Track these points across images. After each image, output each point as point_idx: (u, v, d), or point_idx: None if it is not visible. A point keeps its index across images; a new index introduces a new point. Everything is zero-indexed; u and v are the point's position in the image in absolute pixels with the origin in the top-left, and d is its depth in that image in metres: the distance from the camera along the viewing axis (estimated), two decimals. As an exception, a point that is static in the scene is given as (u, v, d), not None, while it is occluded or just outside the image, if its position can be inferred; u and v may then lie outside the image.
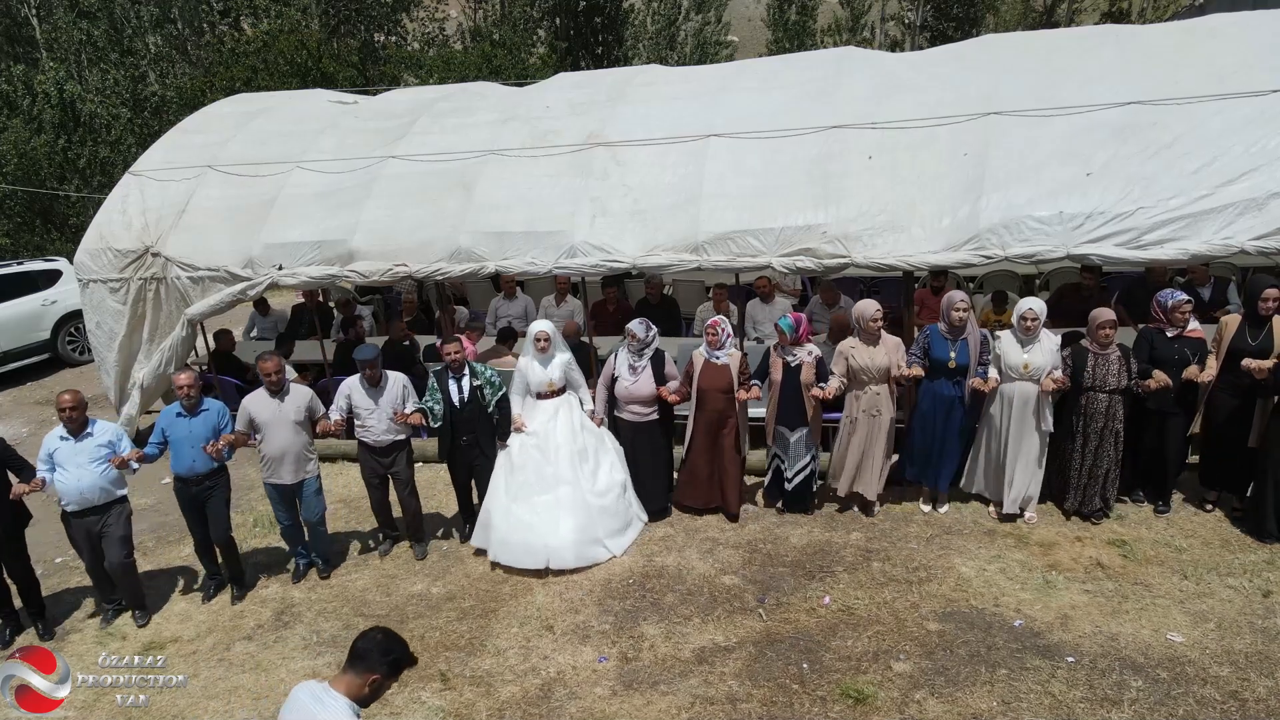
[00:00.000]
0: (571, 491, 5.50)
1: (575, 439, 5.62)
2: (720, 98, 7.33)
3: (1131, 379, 5.30)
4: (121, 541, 5.12)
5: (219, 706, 4.46)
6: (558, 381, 5.70)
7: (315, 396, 5.52)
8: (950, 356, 5.50)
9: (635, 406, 5.87)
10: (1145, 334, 5.52)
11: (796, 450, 5.76)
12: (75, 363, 11.51)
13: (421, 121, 8.01)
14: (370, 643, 2.64)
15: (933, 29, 26.89)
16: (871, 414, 5.64)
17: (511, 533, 5.46)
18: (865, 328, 5.55)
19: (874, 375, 5.56)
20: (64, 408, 4.91)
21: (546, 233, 6.73)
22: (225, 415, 5.34)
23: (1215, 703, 3.95)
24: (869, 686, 4.19)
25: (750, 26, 37.09)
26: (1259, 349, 5.16)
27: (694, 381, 5.75)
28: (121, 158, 16.82)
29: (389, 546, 5.98)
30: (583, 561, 5.45)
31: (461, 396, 5.60)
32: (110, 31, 21.99)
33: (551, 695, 4.32)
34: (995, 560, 5.22)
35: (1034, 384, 5.38)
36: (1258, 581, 4.83)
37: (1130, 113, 5.95)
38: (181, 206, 7.80)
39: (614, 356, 5.95)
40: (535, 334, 5.67)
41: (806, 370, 5.60)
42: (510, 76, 18.71)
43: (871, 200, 6.15)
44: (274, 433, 5.31)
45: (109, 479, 5.05)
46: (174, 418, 5.22)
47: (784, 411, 5.72)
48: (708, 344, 5.76)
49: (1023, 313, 5.40)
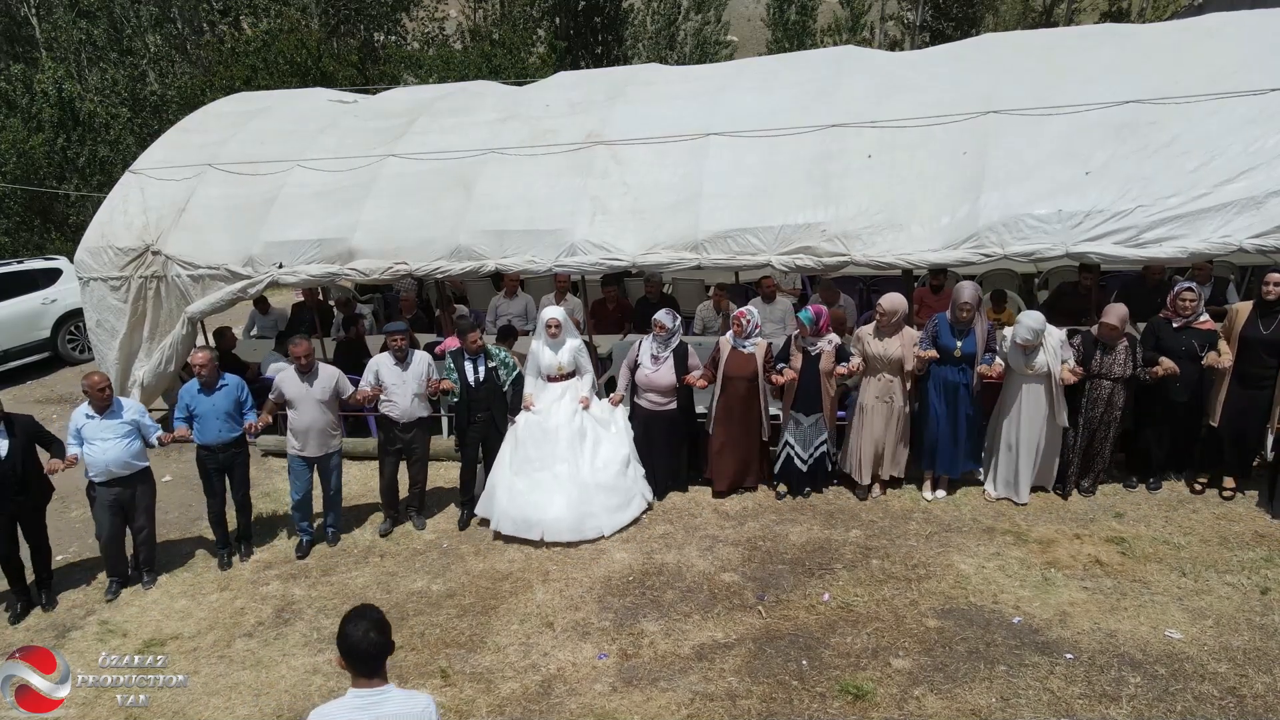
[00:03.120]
0: (569, 469, 5.77)
1: (574, 419, 5.88)
2: (720, 97, 7.35)
3: (1138, 368, 5.46)
4: (147, 511, 5.64)
5: (220, 703, 4.46)
6: (567, 365, 6.01)
7: (343, 376, 5.91)
8: (956, 345, 5.63)
9: (652, 395, 6.07)
10: (1153, 324, 5.66)
11: (811, 433, 5.97)
12: (75, 361, 11.50)
13: (421, 120, 8.02)
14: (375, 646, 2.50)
15: (932, 29, 26.92)
16: (885, 400, 5.82)
17: (512, 505, 5.77)
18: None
19: (885, 365, 5.74)
20: (100, 388, 5.32)
21: (546, 231, 6.74)
22: (244, 389, 5.78)
23: (1213, 699, 3.96)
24: (868, 683, 4.20)
25: (750, 26, 37.09)
26: (1271, 338, 5.25)
27: (719, 367, 5.96)
28: (121, 157, 16.81)
29: (389, 526, 6.22)
30: (577, 535, 5.67)
31: (477, 376, 5.96)
32: (110, 31, 21.98)
33: (551, 692, 4.33)
34: (994, 558, 5.23)
35: (1041, 381, 5.54)
36: (1256, 579, 4.84)
37: (1129, 112, 5.97)
38: (182, 205, 7.81)
39: (639, 343, 6.17)
40: (547, 320, 6.00)
41: (826, 359, 5.78)
42: (510, 76, 18.70)
43: (871, 199, 6.17)
44: (303, 409, 5.74)
45: (131, 452, 5.43)
46: (196, 393, 5.64)
47: (800, 398, 5.91)
48: (734, 333, 5.96)
49: (1022, 340, 5.45)
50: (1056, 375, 5.48)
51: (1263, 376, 5.36)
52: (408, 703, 2.52)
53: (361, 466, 7.25)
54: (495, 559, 5.66)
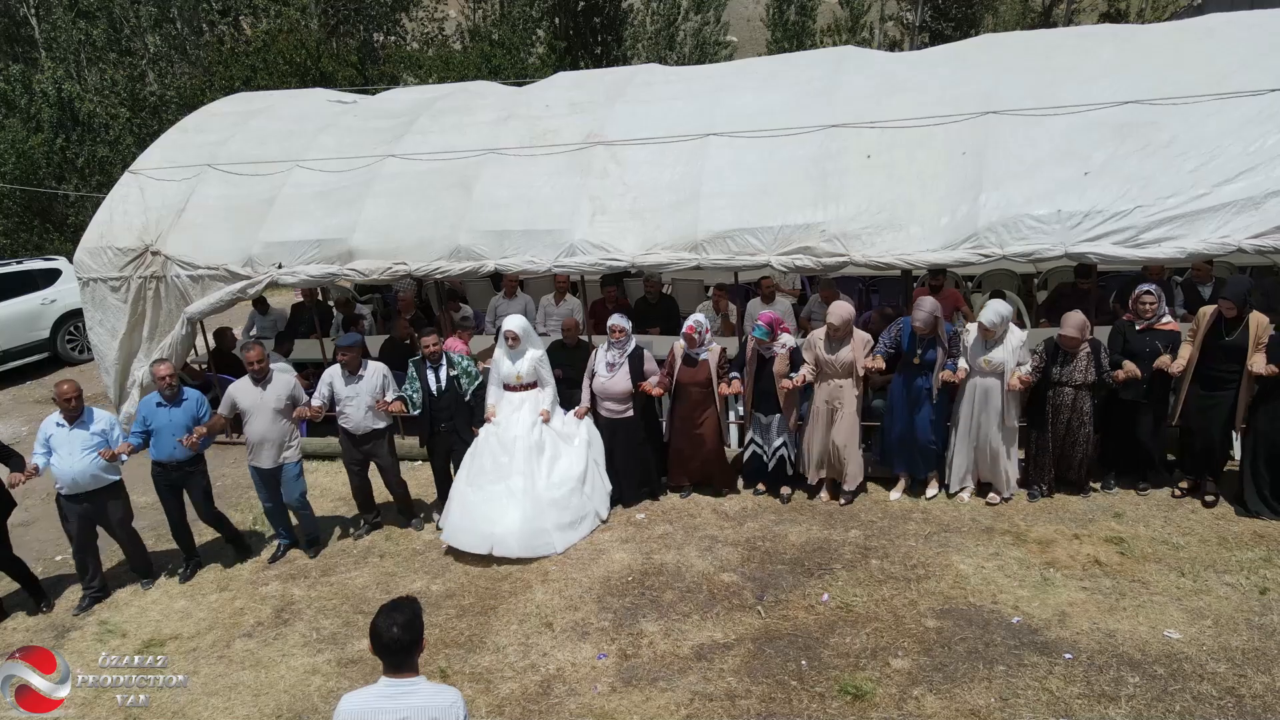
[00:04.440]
0: (523, 482, 5.64)
1: (532, 432, 5.78)
2: (719, 97, 7.35)
3: (1103, 372, 5.48)
4: (121, 523, 5.45)
5: (219, 703, 4.47)
6: (526, 376, 5.89)
7: (298, 385, 5.75)
8: (918, 352, 5.69)
9: (609, 403, 6.04)
10: (1118, 327, 5.70)
11: (772, 433, 6.02)
12: (75, 361, 11.51)
13: (421, 120, 8.02)
14: (400, 643, 2.54)
15: (931, 30, 26.91)
16: (834, 406, 5.84)
17: (464, 517, 5.64)
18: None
19: (837, 369, 5.78)
20: (67, 397, 5.15)
21: (546, 231, 6.74)
22: (204, 405, 5.57)
23: (1212, 699, 3.96)
24: (867, 683, 4.20)
25: (749, 27, 37.07)
26: (1234, 343, 5.32)
27: (673, 375, 5.98)
28: (120, 157, 16.81)
29: (367, 530, 6.17)
30: (528, 552, 5.55)
31: (439, 385, 5.87)
32: (109, 31, 21.97)
33: (551, 692, 4.33)
34: (993, 558, 5.24)
35: (997, 379, 5.59)
36: (1254, 579, 4.84)
37: (1128, 112, 5.97)
38: (181, 205, 7.81)
39: (595, 352, 6.14)
40: (505, 330, 5.91)
41: (780, 361, 5.83)
42: (509, 76, 18.70)
43: (870, 199, 6.17)
44: (256, 418, 5.54)
45: (100, 465, 5.22)
46: (154, 407, 5.43)
47: (759, 400, 5.98)
48: (687, 346, 5.98)
49: (990, 324, 5.49)
50: (1008, 376, 5.51)
51: (1224, 380, 5.41)
52: (436, 696, 2.56)
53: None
54: (494, 559, 5.66)
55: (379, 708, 2.51)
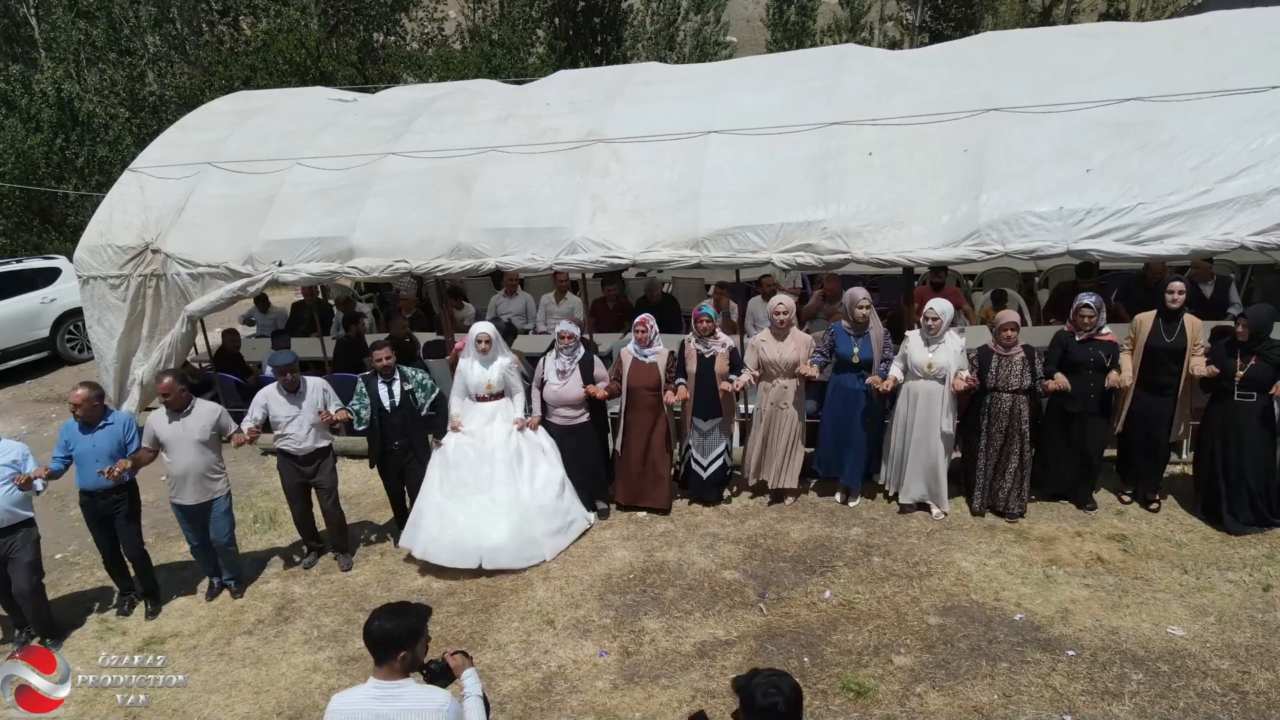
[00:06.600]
0: (507, 492, 5.49)
1: (510, 441, 5.61)
2: (720, 95, 7.34)
3: (1036, 380, 5.41)
4: (29, 567, 4.87)
5: (220, 701, 4.46)
6: (496, 384, 5.70)
7: (225, 413, 5.30)
8: (854, 352, 5.67)
9: (563, 410, 5.86)
10: (1059, 337, 5.61)
11: (710, 440, 5.92)
12: (74, 360, 11.49)
13: (421, 119, 8.01)
14: (381, 633, 2.55)
15: (931, 29, 26.93)
16: (780, 407, 5.80)
17: (443, 531, 5.41)
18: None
19: (782, 369, 5.73)
20: None
21: (546, 229, 6.73)
22: (131, 430, 5.13)
23: (1216, 696, 3.96)
24: (870, 680, 4.19)
25: (749, 27, 37.09)
26: (1173, 346, 5.34)
27: (624, 379, 5.82)
28: (120, 157, 16.81)
29: (313, 559, 5.85)
30: (520, 562, 5.42)
31: (393, 401, 5.56)
32: (109, 31, 21.95)
33: (552, 689, 4.32)
34: (995, 555, 5.23)
35: (938, 383, 5.50)
36: (1258, 575, 4.84)
37: (1129, 110, 5.97)
38: (181, 203, 7.80)
39: (543, 360, 5.95)
40: (476, 335, 5.66)
41: (720, 361, 5.73)
42: (509, 76, 18.69)
43: (871, 197, 6.16)
44: (177, 451, 5.10)
45: (12, 500, 4.77)
46: (76, 432, 5.01)
47: (699, 402, 5.84)
48: (636, 341, 5.80)
49: (925, 312, 5.49)
50: (950, 380, 5.43)
51: (1168, 384, 5.42)
52: (424, 700, 2.54)
53: (360, 464, 7.22)
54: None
55: (366, 709, 2.49)
